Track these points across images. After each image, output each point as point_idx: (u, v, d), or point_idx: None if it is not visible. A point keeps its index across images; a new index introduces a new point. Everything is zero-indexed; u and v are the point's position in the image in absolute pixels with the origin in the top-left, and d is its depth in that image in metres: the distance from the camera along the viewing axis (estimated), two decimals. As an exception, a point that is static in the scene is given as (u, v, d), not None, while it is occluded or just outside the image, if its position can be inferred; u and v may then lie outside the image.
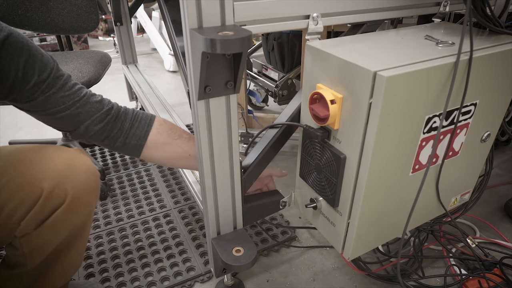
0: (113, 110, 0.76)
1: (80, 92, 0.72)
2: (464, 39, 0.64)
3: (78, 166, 0.72)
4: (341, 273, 1.09)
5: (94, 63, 1.40)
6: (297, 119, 0.82)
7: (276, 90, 1.68)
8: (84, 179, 0.72)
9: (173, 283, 1.05)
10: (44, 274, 0.79)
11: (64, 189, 0.69)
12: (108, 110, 0.75)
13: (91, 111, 0.72)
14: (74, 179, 0.70)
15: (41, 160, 0.70)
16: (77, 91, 0.71)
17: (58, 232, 0.74)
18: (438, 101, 0.66)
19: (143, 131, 0.78)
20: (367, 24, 0.83)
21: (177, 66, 2.34)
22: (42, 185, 0.67)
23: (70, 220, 0.73)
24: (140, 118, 0.78)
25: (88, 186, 0.73)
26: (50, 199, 0.69)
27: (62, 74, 0.69)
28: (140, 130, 0.78)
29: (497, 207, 1.34)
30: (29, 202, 0.68)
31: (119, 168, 1.61)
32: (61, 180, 0.69)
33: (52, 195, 0.68)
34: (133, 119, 0.78)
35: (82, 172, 0.72)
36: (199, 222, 1.28)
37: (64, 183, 0.69)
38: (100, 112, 0.73)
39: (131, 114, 0.78)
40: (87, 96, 0.73)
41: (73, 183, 0.70)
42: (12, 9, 1.46)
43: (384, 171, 0.69)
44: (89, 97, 0.73)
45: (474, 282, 0.99)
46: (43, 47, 3.15)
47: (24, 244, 0.73)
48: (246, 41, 0.56)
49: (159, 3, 1.05)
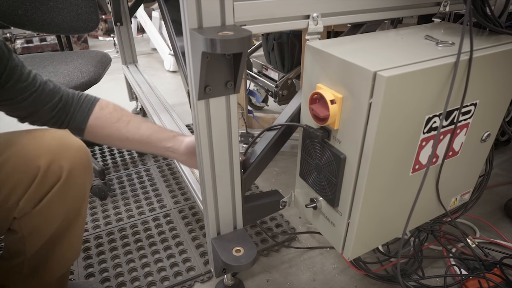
0: (63, 97, 0.79)
1: (36, 82, 0.74)
2: (464, 39, 0.64)
3: (70, 143, 0.73)
4: (341, 273, 1.09)
5: (94, 63, 1.40)
6: (297, 119, 0.82)
7: (276, 90, 1.68)
8: (78, 156, 0.73)
9: (173, 283, 1.05)
10: (43, 263, 0.79)
11: (60, 165, 0.70)
12: (59, 98, 0.78)
13: (45, 100, 0.76)
14: (68, 156, 0.72)
15: (34, 139, 0.71)
16: (33, 81, 0.74)
17: (56, 210, 0.74)
18: (438, 101, 0.66)
19: (83, 116, 0.82)
20: (367, 24, 0.83)
21: (177, 66, 2.34)
22: (38, 163, 0.68)
23: (67, 197, 0.74)
24: (82, 102, 0.82)
25: (82, 162, 0.74)
26: (47, 176, 0.70)
27: (17, 64, 0.70)
28: (80, 115, 0.82)
29: (497, 207, 1.34)
30: (26, 180, 0.69)
31: (119, 168, 1.61)
32: (56, 157, 0.70)
33: (48, 172, 0.69)
34: (77, 103, 0.82)
35: (75, 149, 0.73)
36: (199, 222, 1.28)
37: (59, 160, 0.70)
38: (53, 101, 0.77)
39: (77, 98, 0.82)
40: (42, 84, 0.75)
41: (67, 159, 0.71)
42: (12, 9, 1.46)
43: (384, 171, 0.69)
44: (44, 86, 0.76)
45: (474, 282, 0.99)
46: (43, 47, 3.15)
47: (24, 226, 0.73)
48: (246, 41, 0.56)
49: (159, 3, 1.05)
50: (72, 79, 1.27)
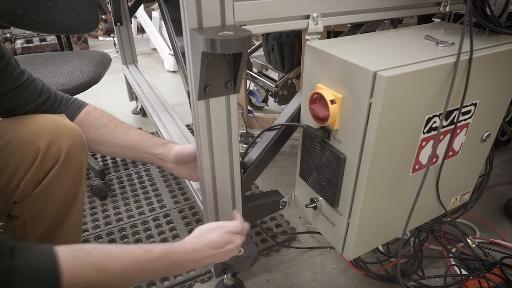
0: (49, 99, 0.78)
1: (22, 76, 0.73)
2: (464, 39, 0.64)
3: (66, 126, 0.74)
4: (341, 273, 1.09)
5: (94, 63, 1.40)
6: (297, 119, 0.82)
7: (276, 90, 1.68)
8: (74, 137, 0.74)
9: (173, 283, 1.05)
10: None
11: (58, 147, 0.71)
12: (44, 100, 0.77)
13: (28, 99, 0.75)
14: (66, 137, 0.72)
15: (32, 123, 0.72)
16: (19, 75, 0.72)
17: (56, 191, 0.75)
18: (438, 101, 0.66)
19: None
20: (367, 24, 0.83)
21: (177, 66, 2.34)
22: (38, 144, 0.69)
23: (65, 177, 0.74)
24: (68, 107, 0.82)
25: (78, 143, 0.75)
26: (47, 157, 0.70)
27: (3, 54, 0.69)
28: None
29: (497, 207, 1.34)
30: (27, 162, 0.70)
31: (119, 168, 1.61)
32: (55, 138, 0.71)
33: (48, 153, 0.70)
34: (63, 106, 0.81)
35: (71, 132, 0.74)
36: (199, 222, 1.28)
37: (58, 141, 0.71)
38: (36, 102, 0.76)
39: (64, 102, 0.81)
40: (28, 81, 0.74)
41: (65, 141, 0.72)
42: (12, 9, 1.46)
43: (384, 171, 0.69)
44: (30, 83, 0.75)
45: (474, 282, 0.99)
46: (43, 47, 3.15)
47: (24, 210, 0.74)
48: (246, 41, 0.56)
49: (159, 3, 1.05)
50: (72, 79, 1.27)
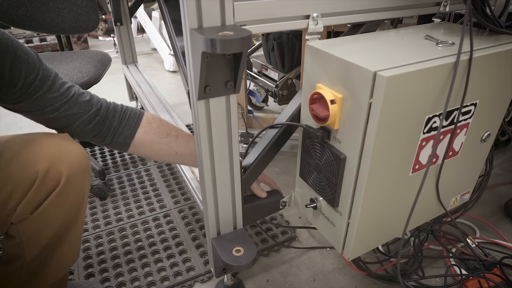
0: (102, 109, 0.76)
1: (69, 93, 0.71)
2: (464, 39, 0.64)
3: (69, 148, 0.72)
4: (341, 273, 1.09)
5: (94, 63, 1.40)
6: (297, 119, 0.82)
7: (276, 90, 1.68)
8: (76, 161, 0.72)
9: (173, 283, 1.05)
10: (42, 267, 0.79)
11: (58, 171, 0.69)
12: (96, 110, 0.75)
13: (79, 112, 0.73)
14: (67, 161, 0.70)
15: (32, 144, 0.70)
16: (65, 92, 0.71)
17: (55, 216, 0.73)
18: (438, 101, 0.66)
19: (130, 130, 0.79)
20: (367, 24, 0.83)
21: (177, 66, 2.34)
22: (36, 168, 0.67)
23: (65, 202, 0.73)
24: (128, 116, 0.79)
25: (80, 167, 0.73)
26: (45, 182, 0.68)
27: (49, 74, 0.69)
28: (127, 129, 0.78)
29: (497, 207, 1.34)
30: (24, 186, 0.68)
31: (119, 168, 1.61)
32: (54, 162, 0.69)
33: (47, 177, 0.68)
34: (121, 117, 0.78)
35: (73, 154, 0.72)
36: (199, 222, 1.28)
37: (58, 165, 0.69)
38: (89, 114, 0.74)
39: (120, 111, 0.79)
40: (76, 96, 0.72)
41: (66, 164, 0.70)
42: (12, 9, 1.46)
43: (384, 171, 0.69)
44: (78, 97, 0.73)
45: (474, 282, 0.99)
46: (43, 47, 3.15)
47: (21, 231, 0.72)
48: (246, 41, 0.56)
49: (159, 3, 1.05)
50: (72, 79, 1.27)
